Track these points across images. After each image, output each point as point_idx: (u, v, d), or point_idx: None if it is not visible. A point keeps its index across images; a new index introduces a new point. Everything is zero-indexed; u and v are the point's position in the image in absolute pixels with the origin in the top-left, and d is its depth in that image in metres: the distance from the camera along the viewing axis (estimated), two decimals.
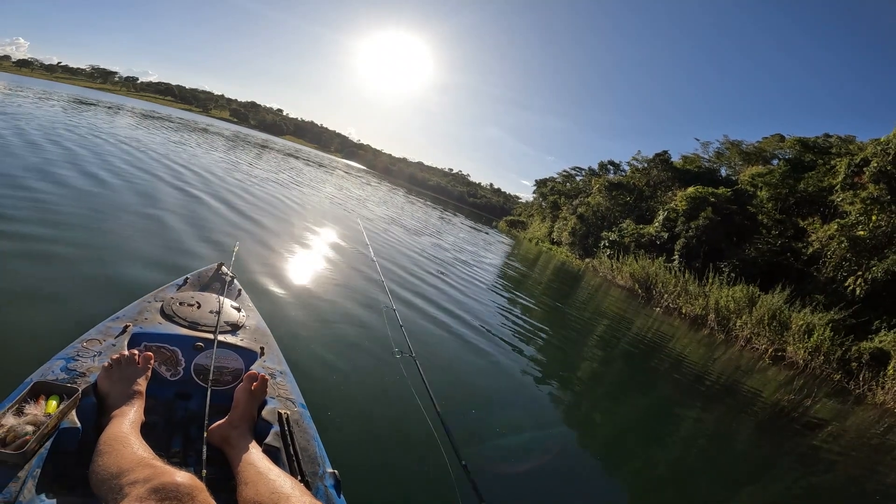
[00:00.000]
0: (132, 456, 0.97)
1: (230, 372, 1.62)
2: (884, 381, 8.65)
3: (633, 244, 20.78)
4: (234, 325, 1.85)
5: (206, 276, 2.37)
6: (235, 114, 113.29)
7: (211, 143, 20.72)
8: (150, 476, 0.87)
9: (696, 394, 6.36)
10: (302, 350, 3.08)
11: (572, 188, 38.30)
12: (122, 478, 0.90)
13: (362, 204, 17.92)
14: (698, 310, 13.53)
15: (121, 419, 1.15)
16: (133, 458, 0.97)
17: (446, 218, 29.89)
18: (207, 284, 2.30)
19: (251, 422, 1.36)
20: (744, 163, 25.81)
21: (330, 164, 46.41)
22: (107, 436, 1.07)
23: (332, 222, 9.97)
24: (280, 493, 0.99)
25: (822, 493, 4.30)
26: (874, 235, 14.21)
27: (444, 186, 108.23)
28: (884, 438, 6.73)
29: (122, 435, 1.07)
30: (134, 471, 0.91)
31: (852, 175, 17.48)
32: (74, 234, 3.96)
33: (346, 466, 1.45)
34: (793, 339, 10.84)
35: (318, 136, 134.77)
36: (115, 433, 1.08)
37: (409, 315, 5.00)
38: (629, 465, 3.60)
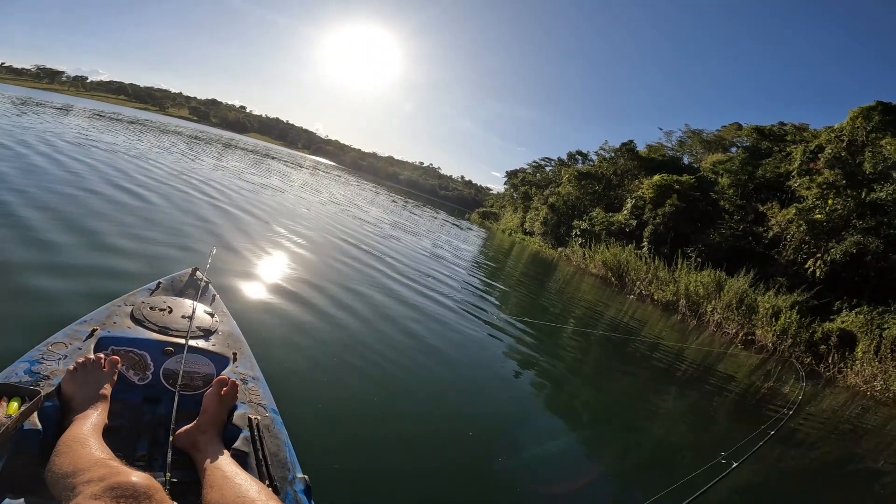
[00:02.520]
0: (89, 456, 0.95)
1: (201, 377, 1.56)
2: (853, 363, 8.69)
3: (603, 232, 20.76)
4: (206, 330, 1.79)
5: (180, 280, 2.29)
6: (195, 112, 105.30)
7: (172, 143, 19.48)
8: (105, 475, 0.84)
9: (672, 379, 6.42)
10: (276, 356, 2.99)
11: (543, 178, 38.28)
12: (76, 477, 0.87)
13: (338, 202, 17.22)
14: (669, 296, 13.49)
15: (83, 421, 1.12)
16: (90, 458, 0.94)
17: (418, 212, 29.34)
18: (181, 289, 2.22)
19: (220, 426, 1.32)
20: (705, 151, 26.22)
21: (298, 162, 44.88)
22: (66, 437, 1.04)
23: (308, 224, 9.49)
24: (245, 497, 0.97)
25: (801, 476, 4.21)
26: (831, 219, 14.48)
27: (415, 180, 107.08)
28: (858, 421, 6.66)
29: (81, 436, 1.04)
30: (90, 470, 0.88)
31: (808, 161, 17.85)
32: (39, 240, 3.72)
33: (318, 472, 1.42)
34: (761, 323, 10.87)
35: (285, 132, 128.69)
36: (75, 435, 1.05)
37: (385, 317, 4.79)
38: (612, 448, 3.64)
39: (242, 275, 4.49)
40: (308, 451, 1.66)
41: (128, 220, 5.10)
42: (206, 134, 38.79)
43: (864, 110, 15.76)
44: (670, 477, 3.27)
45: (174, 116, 77.02)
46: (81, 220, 4.63)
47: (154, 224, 5.27)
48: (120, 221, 4.96)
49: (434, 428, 2.89)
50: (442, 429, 2.92)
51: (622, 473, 3.29)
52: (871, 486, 4.43)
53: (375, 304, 5.08)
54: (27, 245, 3.58)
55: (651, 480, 3.21)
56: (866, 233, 13.12)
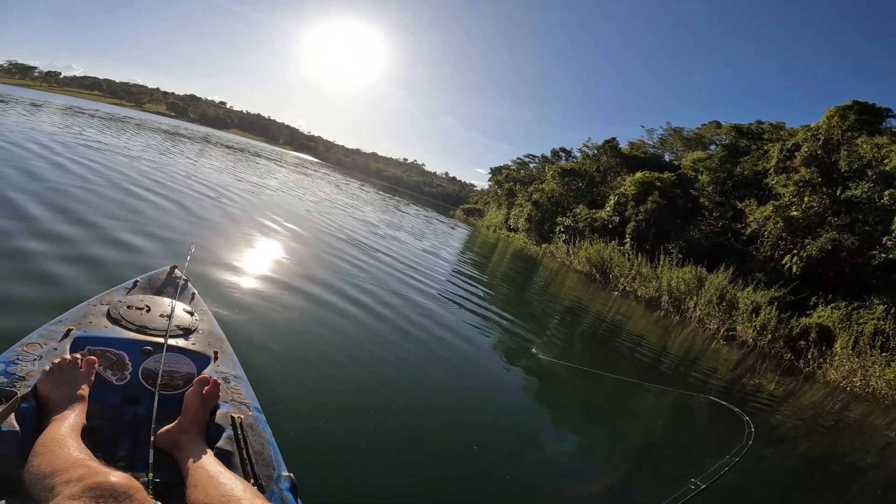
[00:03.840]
0: (67, 456, 0.92)
1: (182, 376, 1.53)
2: (832, 359, 8.70)
3: (587, 229, 20.71)
4: (186, 329, 1.74)
5: (158, 279, 2.21)
6: (173, 107, 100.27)
7: (149, 139, 18.74)
8: (83, 475, 0.82)
9: (656, 374, 6.42)
10: (259, 354, 2.90)
11: (526, 175, 38.19)
12: (55, 477, 0.85)
13: (322, 200, 16.78)
14: (652, 292, 13.46)
15: (60, 422, 1.08)
16: (68, 458, 0.91)
17: (403, 208, 29.00)
18: (159, 288, 2.14)
19: (202, 426, 1.29)
20: (685, 148, 26.38)
21: (281, 158, 43.81)
22: (44, 438, 1.01)
23: (291, 221, 9.18)
24: (230, 496, 0.95)
25: (782, 475, 4.14)
26: (807, 215, 14.64)
27: (399, 176, 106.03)
28: (839, 416, 6.62)
29: (59, 437, 1.00)
30: (68, 470, 0.85)
31: (784, 159, 18.04)
32: (10, 239, 3.50)
33: (304, 470, 1.39)
34: (741, 319, 10.87)
35: (266, 128, 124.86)
36: (53, 435, 1.01)
37: (371, 311, 4.73)
38: (598, 443, 3.61)
39: (223, 272, 4.31)
40: (293, 449, 1.63)
41: (100, 218, 4.79)
42: (184, 130, 37.35)
43: (840, 109, 15.94)
44: (655, 475, 3.36)
45: (151, 112, 73.02)
46: (51, 219, 4.27)
47: (129, 222, 4.98)
48: (92, 220, 4.65)
49: (420, 424, 2.84)
50: (428, 425, 2.88)
51: (607, 469, 3.26)
52: (851, 485, 4.33)
53: (359, 301, 4.93)
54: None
55: (637, 485, 3.12)
56: (841, 230, 13.27)
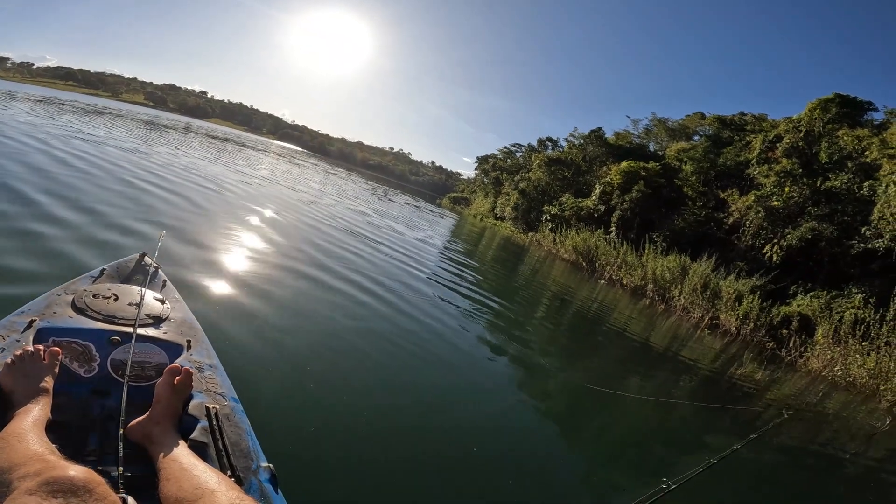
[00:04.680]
0: (26, 451, 0.88)
1: (153, 367, 1.45)
2: (813, 348, 8.74)
3: (573, 217, 20.64)
4: (156, 317, 1.67)
5: (127, 267, 2.10)
6: (151, 97, 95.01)
7: (125, 128, 17.95)
8: (41, 470, 0.79)
9: (642, 362, 6.39)
10: (235, 343, 2.79)
11: (513, 164, 37.92)
12: (11, 472, 0.82)
13: (303, 187, 16.32)
14: (638, 280, 13.44)
15: (23, 416, 1.04)
16: (27, 452, 0.88)
17: (389, 195, 28.59)
18: (128, 276, 2.05)
19: (175, 417, 1.23)
20: (669, 139, 26.39)
21: (263, 146, 42.61)
22: (4, 433, 0.96)
23: (267, 207, 8.83)
24: (204, 489, 0.91)
25: (769, 463, 4.08)
26: (787, 205, 14.72)
27: (385, 165, 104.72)
28: (821, 406, 6.61)
29: (19, 431, 0.96)
30: (25, 465, 0.82)
31: (766, 150, 18.12)
32: None
33: (284, 460, 1.36)
34: (724, 307, 10.90)
35: (249, 117, 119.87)
36: (14, 430, 0.97)
37: (355, 299, 4.64)
38: (583, 433, 3.58)
39: (196, 259, 4.11)
40: (273, 439, 1.57)
41: (65, 206, 4.49)
42: (165, 120, 35.65)
43: (822, 102, 15.98)
44: (640, 464, 3.35)
45: (128, 102, 68.84)
46: (10, 207, 3.95)
47: (96, 209, 4.68)
48: (55, 207, 4.36)
49: (400, 412, 2.78)
50: (408, 413, 2.82)
51: (593, 459, 3.24)
52: (832, 474, 4.28)
53: (339, 289, 4.77)
54: None
55: (620, 476, 3.10)
56: (821, 220, 13.37)
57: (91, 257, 3.31)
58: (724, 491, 3.21)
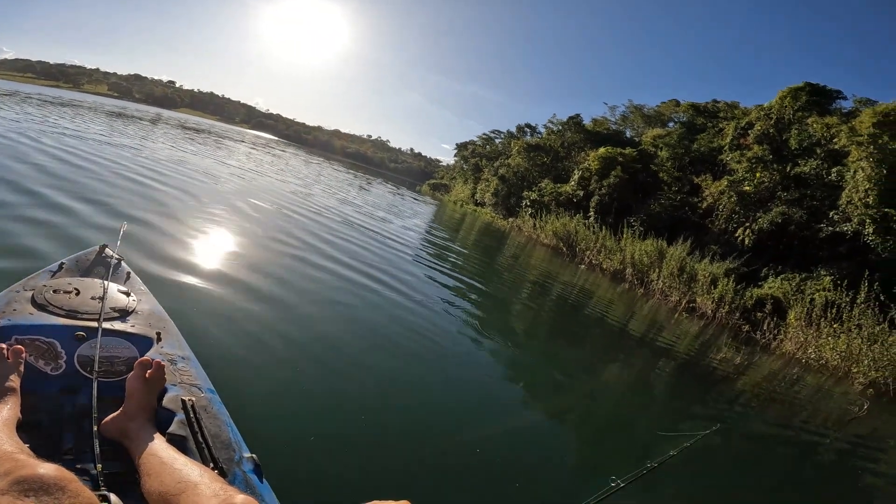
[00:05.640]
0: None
1: (123, 361, 1.39)
2: (787, 330, 8.81)
3: (552, 202, 20.51)
4: (122, 310, 1.56)
5: (87, 259, 1.95)
6: (116, 88, 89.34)
7: (86, 119, 16.76)
8: (10, 469, 0.76)
9: (622, 346, 6.35)
10: (209, 334, 2.66)
11: (492, 150, 37.55)
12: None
13: (275, 175, 15.64)
14: (617, 264, 13.41)
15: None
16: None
17: (362, 181, 27.95)
18: (88, 269, 1.88)
19: (150, 412, 1.19)
20: (645, 125, 26.44)
21: (237, 136, 40.81)
22: None
23: (241, 196, 8.44)
24: (186, 482, 0.88)
25: (747, 444, 4.07)
26: (759, 190, 14.89)
27: (363, 153, 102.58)
28: (795, 386, 6.62)
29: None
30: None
31: (738, 137, 18.28)
32: None
33: (268, 450, 1.30)
34: (701, 291, 10.94)
35: (220, 107, 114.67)
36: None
37: (332, 286, 4.51)
38: (567, 416, 3.56)
39: (163, 250, 3.90)
40: (255, 429, 1.54)
41: (16, 198, 4.13)
42: (135, 111, 33.32)
43: (792, 90, 16.12)
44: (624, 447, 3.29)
45: (91, 93, 62.77)
46: None
47: (51, 201, 4.34)
48: (6, 199, 4.01)
49: (380, 395, 2.73)
50: (387, 395, 2.77)
51: (577, 441, 3.20)
52: (807, 458, 4.21)
53: (314, 277, 4.60)
54: None
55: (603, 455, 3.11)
56: (790, 204, 13.55)
57: (49, 251, 3.06)
58: (697, 479, 3.13)
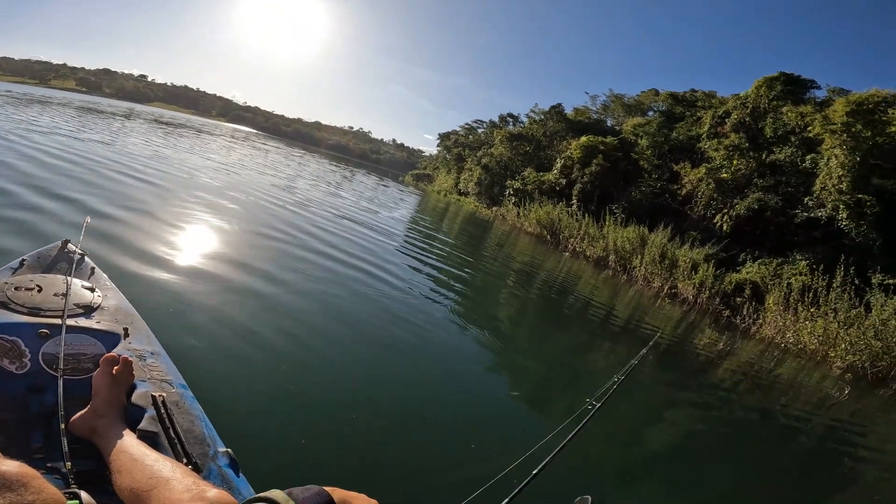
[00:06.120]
0: None
1: (89, 358, 1.35)
2: (766, 314, 8.91)
3: (535, 191, 20.45)
4: (86, 306, 1.51)
5: (48, 255, 1.85)
6: (84, 83, 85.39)
7: (58, 115, 15.92)
8: None
9: (607, 333, 6.33)
10: (179, 328, 2.60)
11: (475, 140, 37.27)
12: None
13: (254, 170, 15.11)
14: (600, 251, 13.43)
15: None
16: None
17: (340, 172, 27.45)
18: (50, 265, 1.81)
19: (119, 408, 1.14)
20: (626, 114, 26.54)
21: (213, 129, 39.31)
22: None
23: (212, 189, 8.09)
24: (158, 478, 0.86)
25: (729, 427, 4.10)
26: (736, 177, 15.08)
27: (345, 145, 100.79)
28: (776, 371, 6.67)
29: None
30: None
31: (716, 125, 18.47)
32: None
33: (244, 444, 1.29)
34: (682, 276, 11.02)
35: (196, 100, 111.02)
36: None
37: (308, 275, 4.39)
38: (554, 403, 3.54)
39: (129, 245, 3.76)
40: (231, 424, 1.51)
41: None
42: (101, 106, 31.56)
43: (767, 80, 16.29)
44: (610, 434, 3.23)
45: (59, 89, 58.94)
46: None
47: (14, 198, 4.15)
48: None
49: (359, 387, 2.67)
50: (367, 388, 2.70)
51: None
52: (792, 442, 4.20)
53: (292, 268, 4.48)
54: None
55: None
56: (766, 190, 13.76)
57: (9, 248, 2.92)
58: (684, 465, 3.09)
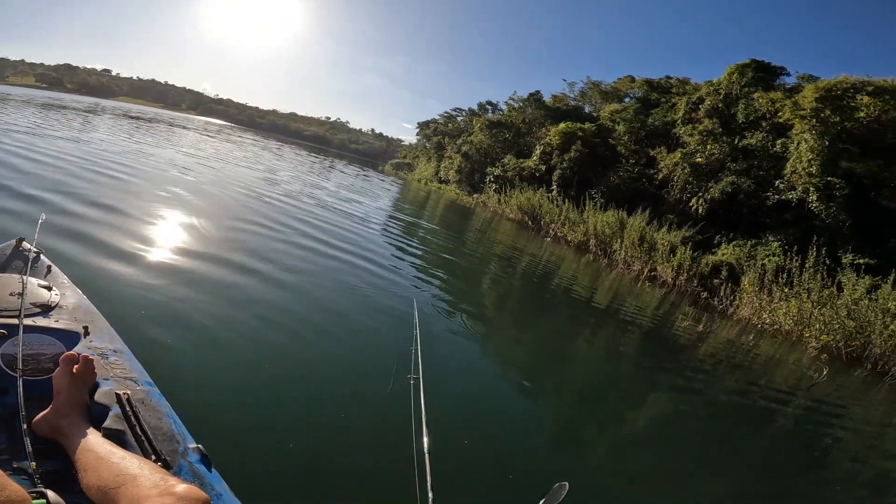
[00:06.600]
0: None
1: (49, 358, 1.30)
2: (742, 295, 9.06)
3: (516, 178, 20.38)
4: (44, 305, 1.48)
5: (2, 254, 1.80)
6: (43, 78, 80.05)
7: (13, 111, 14.87)
8: None
9: (589, 317, 6.34)
10: (143, 325, 2.53)
11: (454, 128, 36.85)
12: None
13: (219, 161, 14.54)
14: (581, 236, 13.47)
15: None
16: None
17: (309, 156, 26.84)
18: (5, 264, 1.77)
19: (82, 408, 1.12)
20: (603, 101, 26.60)
21: (184, 122, 37.88)
22: None
23: (179, 183, 7.85)
24: (125, 475, 0.85)
25: (710, 409, 4.14)
26: (710, 162, 15.31)
27: (322, 135, 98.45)
28: (753, 352, 6.71)
29: None
30: None
31: (690, 111, 18.66)
32: None
33: (216, 439, 1.25)
34: (661, 259, 11.14)
35: (164, 94, 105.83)
36: None
37: (282, 265, 4.32)
38: (544, 388, 3.52)
39: (91, 241, 3.66)
40: (200, 420, 1.47)
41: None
42: (66, 101, 29.74)
43: (739, 67, 16.45)
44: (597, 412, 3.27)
45: (18, 85, 53.52)
46: None
47: None
48: None
49: (331, 378, 2.61)
50: (341, 379, 2.63)
51: (555, 409, 3.19)
52: (769, 423, 4.23)
53: (260, 259, 4.37)
54: None
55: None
56: (739, 174, 14.01)
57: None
58: (656, 451, 3.05)
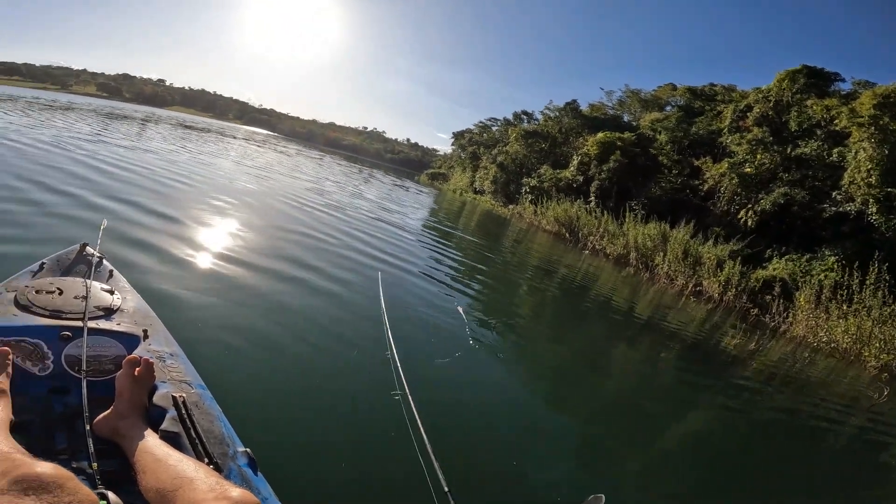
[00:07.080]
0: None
1: (110, 360, 1.37)
2: (796, 313, 8.54)
3: (552, 188, 20.17)
4: (107, 308, 1.53)
5: (67, 259, 1.86)
6: (104, 88, 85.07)
7: (81, 119, 16.30)
8: (8, 469, 0.75)
9: (629, 331, 6.16)
10: (197, 329, 2.56)
11: (489, 138, 36.96)
12: None
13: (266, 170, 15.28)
14: (620, 249, 13.14)
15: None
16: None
17: (356, 172, 27.57)
18: (69, 268, 1.82)
19: (141, 409, 1.17)
20: (643, 109, 25.91)
21: (235, 133, 39.71)
22: None
23: (227, 193, 7.95)
24: (182, 478, 0.86)
25: (758, 427, 3.94)
26: (760, 172, 14.58)
27: (359, 145, 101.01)
28: (808, 371, 6.32)
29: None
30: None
31: (737, 119, 17.90)
32: None
33: (262, 444, 1.26)
34: (707, 274, 10.69)
35: (212, 103, 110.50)
36: None
37: (328, 275, 4.33)
38: (573, 401, 3.44)
39: (146, 247, 3.71)
40: (248, 424, 1.48)
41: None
42: (122, 110, 31.93)
43: (790, 73, 15.69)
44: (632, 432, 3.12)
45: (80, 94, 57.36)
46: None
47: (27, 202, 4.09)
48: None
49: (378, 386, 2.53)
50: (386, 386, 2.46)
51: (585, 426, 3.10)
52: (820, 441, 3.97)
53: (311, 265, 4.44)
54: None
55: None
56: (792, 185, 13.27)
57: (29, 251, 2.86)
58: (713, 465, 2.98)
